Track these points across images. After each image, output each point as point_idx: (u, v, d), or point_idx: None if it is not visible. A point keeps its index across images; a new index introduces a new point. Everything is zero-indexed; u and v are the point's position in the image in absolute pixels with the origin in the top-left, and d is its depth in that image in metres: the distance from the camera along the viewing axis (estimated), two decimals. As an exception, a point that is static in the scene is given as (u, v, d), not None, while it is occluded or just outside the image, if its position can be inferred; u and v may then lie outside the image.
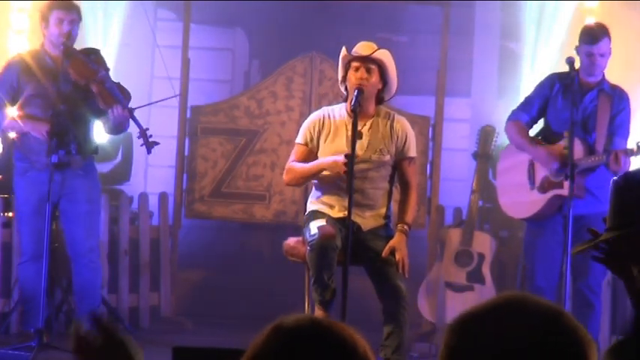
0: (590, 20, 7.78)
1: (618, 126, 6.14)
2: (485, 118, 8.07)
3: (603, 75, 6.18)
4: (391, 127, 5.55)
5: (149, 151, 6.08)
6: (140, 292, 7.50)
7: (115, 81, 6.08)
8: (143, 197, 7.60)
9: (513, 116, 6.35)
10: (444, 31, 7.83)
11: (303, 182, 5.74)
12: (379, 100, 5.57)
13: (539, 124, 6.42)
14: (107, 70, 6.11)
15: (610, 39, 6.13)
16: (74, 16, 6.08)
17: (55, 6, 6.09)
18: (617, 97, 6.17)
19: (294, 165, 5.55)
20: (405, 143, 5.56)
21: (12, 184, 6.31)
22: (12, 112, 6.10)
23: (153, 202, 7.66)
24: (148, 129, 6.02)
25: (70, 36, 6.03)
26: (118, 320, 7.13)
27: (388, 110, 5.67)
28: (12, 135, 6.21)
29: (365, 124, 5.51)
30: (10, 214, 6.90)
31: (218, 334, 7.33)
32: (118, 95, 5.98)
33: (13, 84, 6.08)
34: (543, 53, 8.04)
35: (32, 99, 6.04)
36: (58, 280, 6.76)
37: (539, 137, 6.34)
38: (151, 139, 5.98)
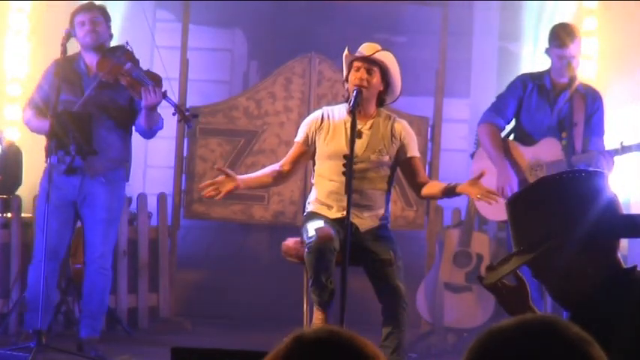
0: (590, 21, 7.78)
1: (595, 125, 6.14)
2: (484, 119, 8.07)
3: (575, 75, 6.17)
4: (392, 128, 5.53)
5: (189, 126, 6.25)
6: (139, 292, 7.49)
7: (144, 69, 6.13)
8: (142, 198, 7.60)
9: (487, 118, 6.32)
10: (442, 32, 7.82)
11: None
12: (380, 101, 5.56)
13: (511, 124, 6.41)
14: (135, 62, 6.13)
15: (580, 40, 6.12)
16: (95, 15, 6.20)
17: (76, 11, 6.26)
18: (591, 97, 6.17)
19: None
20: (407, 144, 5.52)
21: (11, 185, 6.33)
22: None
23: (151, 203, 7.66)
24: (180, 104, 6.11)
25: (94, 34, 6.12)
26: (117, 321, 7.13)
27: (389, 113, 5.66)
28: (9, 137, 6.19)
29: (365, 124, 5.49)
30: (9, 214, 6.91)
31: (217, 334, 7.33)
32: (147, 81, 6.01)
33: (47, 90, 6.15)
34: (542, 54, 8.03)
35: (65, 103, 6.09)
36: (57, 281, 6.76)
37: (512, 138, 6.33)
38: (187, 114, 6.05)
